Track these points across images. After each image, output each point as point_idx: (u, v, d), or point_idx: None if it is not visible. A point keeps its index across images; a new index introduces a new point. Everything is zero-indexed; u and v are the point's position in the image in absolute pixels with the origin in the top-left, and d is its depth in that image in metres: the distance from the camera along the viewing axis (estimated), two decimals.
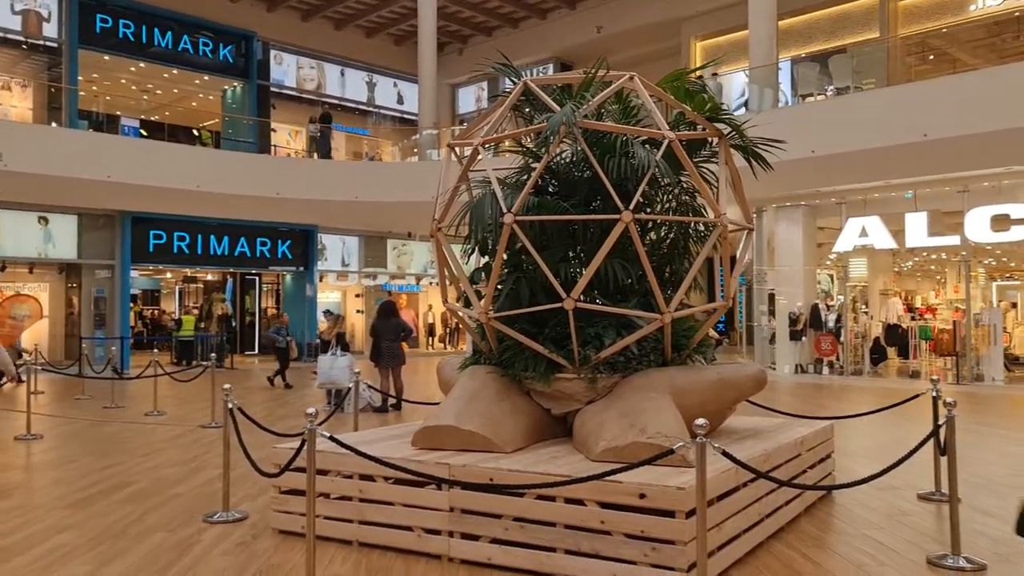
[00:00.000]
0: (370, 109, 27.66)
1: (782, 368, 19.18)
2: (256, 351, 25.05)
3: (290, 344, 15.89)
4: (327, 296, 25.81)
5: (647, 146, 5.62)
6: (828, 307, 19.33)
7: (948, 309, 20.53)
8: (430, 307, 28.33)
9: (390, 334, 12.00)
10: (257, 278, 25.43)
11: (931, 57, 20.02)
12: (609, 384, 5.57)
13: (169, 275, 28.57)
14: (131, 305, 27.56)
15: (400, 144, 25.13)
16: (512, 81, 5.97)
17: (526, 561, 4.58)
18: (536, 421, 5.67)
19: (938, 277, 25.16)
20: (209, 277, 27.03)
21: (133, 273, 24.86)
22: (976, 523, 5.77)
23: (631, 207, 5.15)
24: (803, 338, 19.08)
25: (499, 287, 5.95)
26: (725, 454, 4.09)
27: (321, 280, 25.14)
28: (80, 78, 21.71)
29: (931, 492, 6.64)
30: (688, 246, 6.21)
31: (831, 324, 18.92)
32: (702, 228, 6.17)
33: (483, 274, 6.03)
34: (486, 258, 6.09)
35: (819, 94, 17.66)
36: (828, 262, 21.03)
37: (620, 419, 5.17)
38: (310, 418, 4.49)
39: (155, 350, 13.82)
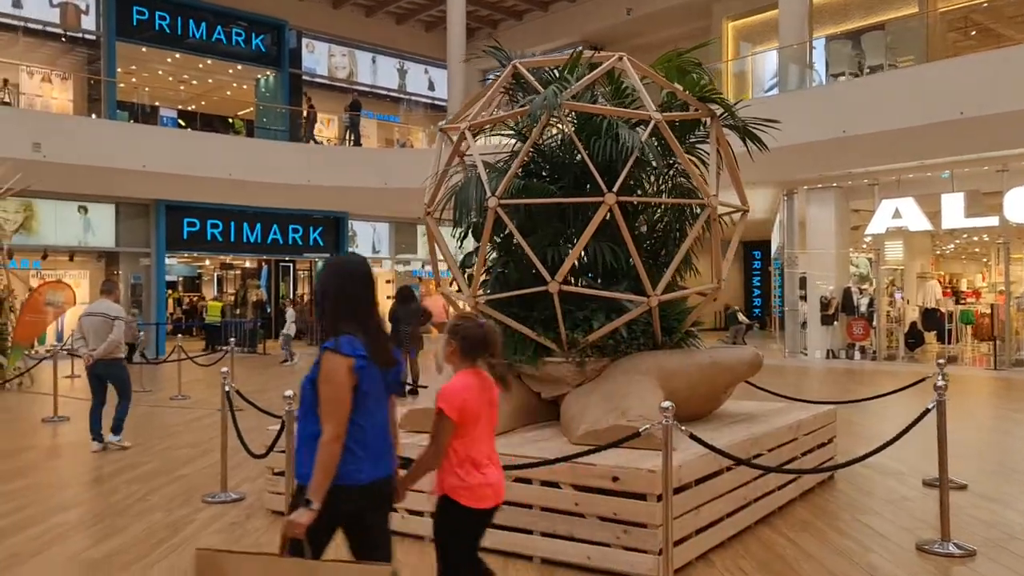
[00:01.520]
0: (401, 96, 27.77)
1: (813, 353, 18.89)
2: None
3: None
4: None
5: (638, 128, 5.57)
6: (860, 291, 18.97)
7: (992, 293, 20.01)
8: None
9: (410, 318, 12.09)
10: (291, 265, 25.77)
11: (973, 33, 19.47)
12: (598, 368, 5.56)
13: (208, 262, 29.08)
14: (170, 292, 28.18)
15: (429, 130, 25.21)
16: (501, 64, 5.95)
17: (503, 542, 4.60)
18: (525, 404, 5.68)
19: (984, 260, 24.49)
20: (247, 264, 27.47)
21: (172, 261, 25.39)
22: (977, 509, 5.66)
23: (615, 189, 5.12)
24: (835, 323, 18.76)
25: (489, 271, 5.98)
26: (693, 437, 4.06)
27: None
28: (119, 70, 22.16)
29: (935, 478, 6.51)
30: (684, 229, 6.16)
31: (863, 308, 18.57)
32: (698, 210, 6.10)
33: (474, 258, 6.05)
34: (479, 242, 6.10)
35: (852, 73, 17.27)
36: (864, 245, 20.62)
37: (603, 402, 5.16)
38: (288, 401, 4.56)
39: (179, 336, 14.10)
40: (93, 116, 20.90)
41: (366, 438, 2.75)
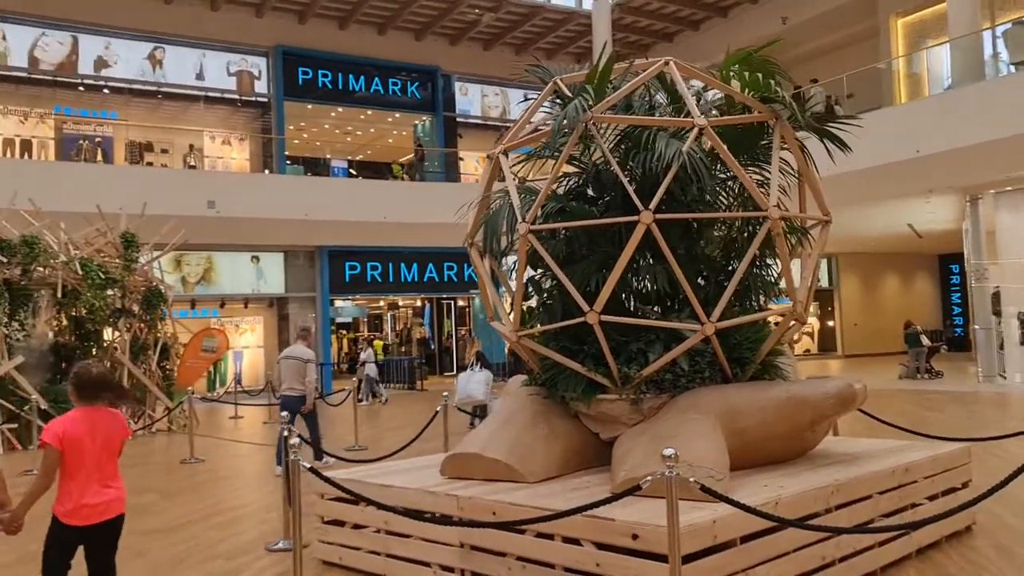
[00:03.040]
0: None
1: (1013, 377, 16.66)
2: (454, 371, 25.82)
3: None
4: None
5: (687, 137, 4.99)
6: None
7: None
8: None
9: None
10: (451, 302, 26.25)
11: None
12: (656, 405, 4.98)
13: (381, 302, 30.28)
14: (343, 333, 29.48)
15: None
16: (543, 82, 5.56)
17: None
18: (578, 447, 5.19)
19: None
20: (418, 303, 28.32)
21: (346, 303, 26.64)
22: None
23: (652, 206, 4.59)
24: None
25: (544, 303, 5.57)
26: (705, 489, 3.44)
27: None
28: (288, 127, 23.71)
29: None
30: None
31: None
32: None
33: (529, 288, 5.65)
34: (537, 271, 5.71)
35: None
36: None
37: (649, 444, 4.58)
38: (294, 449, 4.35)
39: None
40: (266, 172, 22.44)
41: None
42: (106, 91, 21.98)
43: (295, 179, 21.15)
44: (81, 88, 21.77)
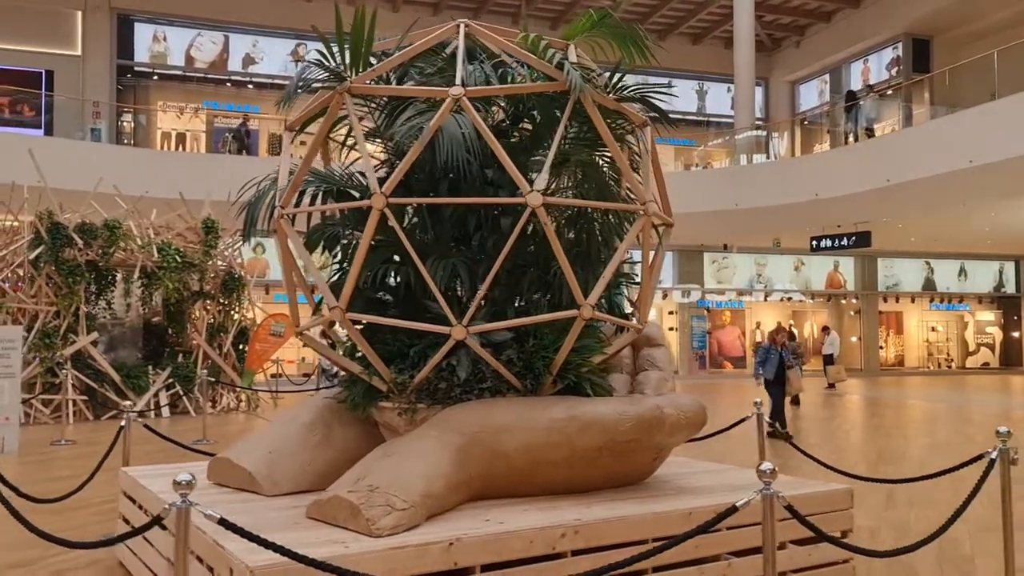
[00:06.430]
0: (700, 119, 26.33)
1: None
2: None
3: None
4: None
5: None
6: None
7: None
8: (757, 325, 25.81)
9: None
10: None
11: None
12: (428, 417, 4.33)
13: None
14: None
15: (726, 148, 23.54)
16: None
17: None
18: (359, 457, 4.61)
19: None
20: None
21: None
22: None
23: (385, 189, 3.96)
24: None
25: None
26: (223, 522, 2.84)
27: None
28: None
29: None
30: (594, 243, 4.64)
31: None
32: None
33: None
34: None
35: None
36: None
37: (371, 463, 3.98)
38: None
39: None
40: None
41: None
42: (250, 86, 23.42)
43: None
44: (229, 84, 23.35)
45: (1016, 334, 26.66)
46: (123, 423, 5.61)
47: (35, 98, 21.28)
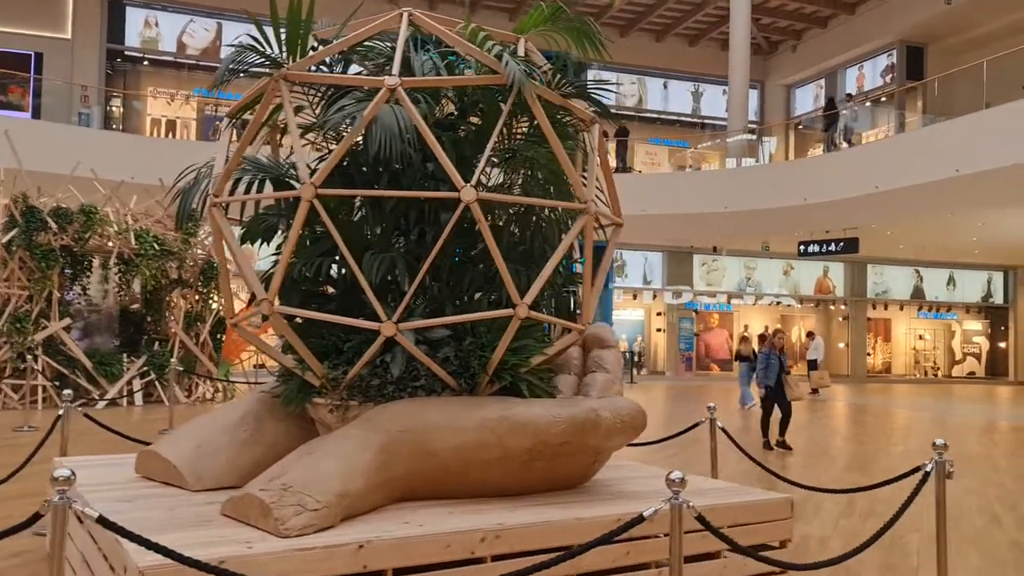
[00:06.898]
0: (695, 120, 26.23)
1: None
2: None
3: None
4: (625, 314, 24.77)
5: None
6: None
7: None
8: (745, 328, 25.68)
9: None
10: None
11: None
12: (360, 414, 4.23)
13: None
14: None
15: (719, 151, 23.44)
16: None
17: None
18: (284, 455, 4.52)
19: None
20: None
21: None
22: None
23: (315, 179, 3.86)
24: None
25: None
26: (101, 519, 2.73)
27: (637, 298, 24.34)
28: None
29: None
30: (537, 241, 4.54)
31: None
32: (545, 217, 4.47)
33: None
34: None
35: None
36: None
37: (292, 461, 3.88)
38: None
39: None
40: None
41: None
42: (242, 75, 23.23)
43: None
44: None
45: (1003, 344, 26.61)
46: (60, 411, 5.49)
47: (23, 81, 21.13)
